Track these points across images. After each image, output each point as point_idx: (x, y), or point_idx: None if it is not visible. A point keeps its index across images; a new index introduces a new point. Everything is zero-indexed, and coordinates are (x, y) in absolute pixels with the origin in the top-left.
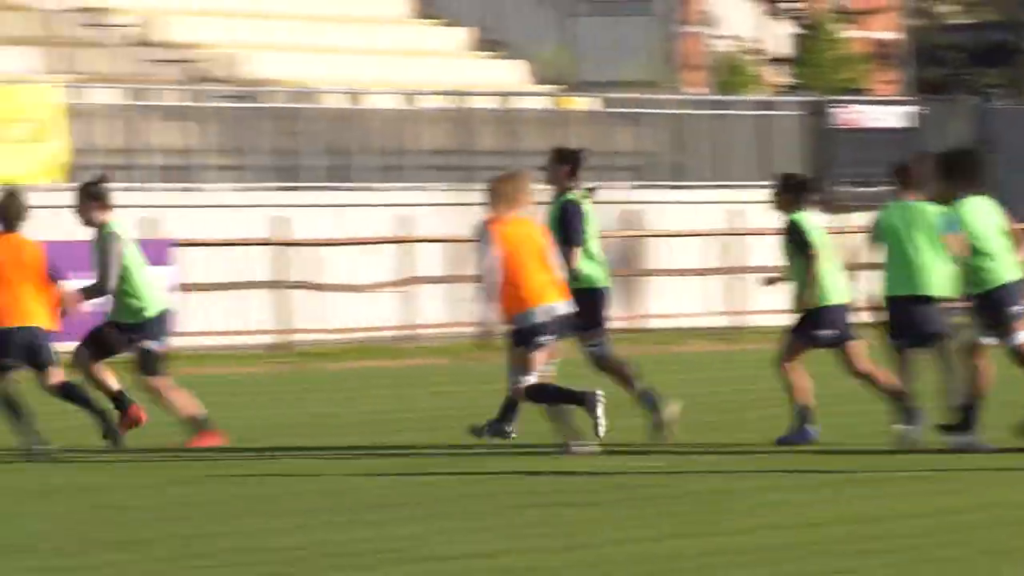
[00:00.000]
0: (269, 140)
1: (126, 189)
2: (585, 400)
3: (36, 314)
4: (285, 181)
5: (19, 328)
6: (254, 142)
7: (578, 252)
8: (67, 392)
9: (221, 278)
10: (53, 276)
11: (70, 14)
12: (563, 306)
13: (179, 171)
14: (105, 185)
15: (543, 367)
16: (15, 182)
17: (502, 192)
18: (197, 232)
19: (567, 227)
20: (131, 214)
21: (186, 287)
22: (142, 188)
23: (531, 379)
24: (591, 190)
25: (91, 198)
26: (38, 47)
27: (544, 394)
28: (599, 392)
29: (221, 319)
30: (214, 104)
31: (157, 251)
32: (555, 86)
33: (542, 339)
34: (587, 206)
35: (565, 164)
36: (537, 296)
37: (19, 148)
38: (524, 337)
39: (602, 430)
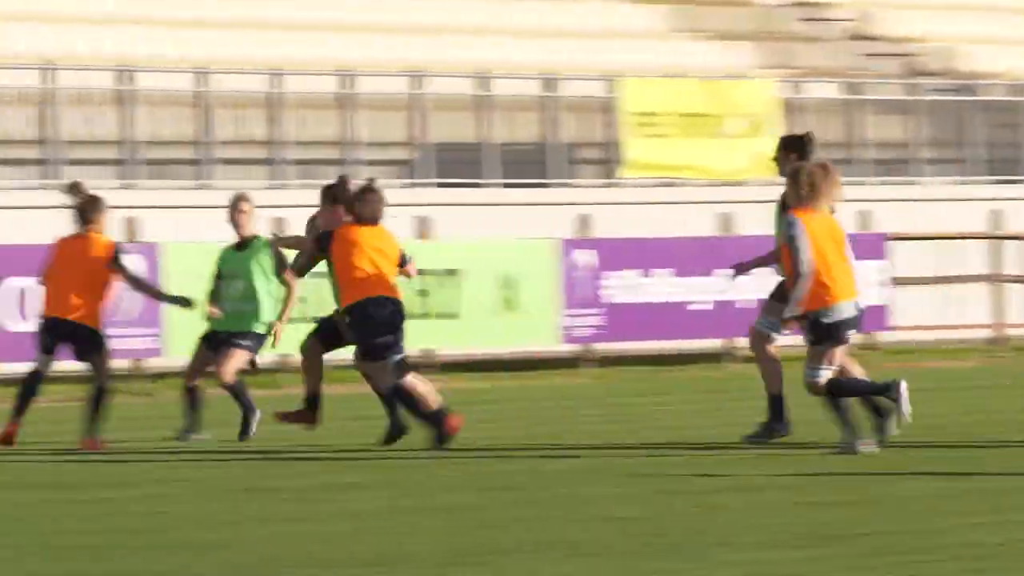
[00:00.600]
0: (986, 133)
1: (844, 184)
2: (890, 388)
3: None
4: (1001, 174)
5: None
6: (970, 135)
7: None
8: (399, 393)
9: (934, 272)
10: (402, 263)
11: (788, 9)
12: (862, 302)
13: (895, 165)
14: (349, 187)
15: (838, 363)
16: (731, 177)
17: (810, 184)
18: (911, 226)
19: None
20: (846, 208)
21: (898, 281)
22: (858, 182)
23: (828, 373)
24: None
25: (334, 200)
26: (755, 42)
27: (843, 388)
28: (903, 381)
29: (934, 313)
30: (930, 97)
31: (870, 245)
32: None
33: (847, 334)
34: None
35: (792, 152)
36: (842, 291)
37: (735, 143)
38: (829, 332)
39: (906, 418)
